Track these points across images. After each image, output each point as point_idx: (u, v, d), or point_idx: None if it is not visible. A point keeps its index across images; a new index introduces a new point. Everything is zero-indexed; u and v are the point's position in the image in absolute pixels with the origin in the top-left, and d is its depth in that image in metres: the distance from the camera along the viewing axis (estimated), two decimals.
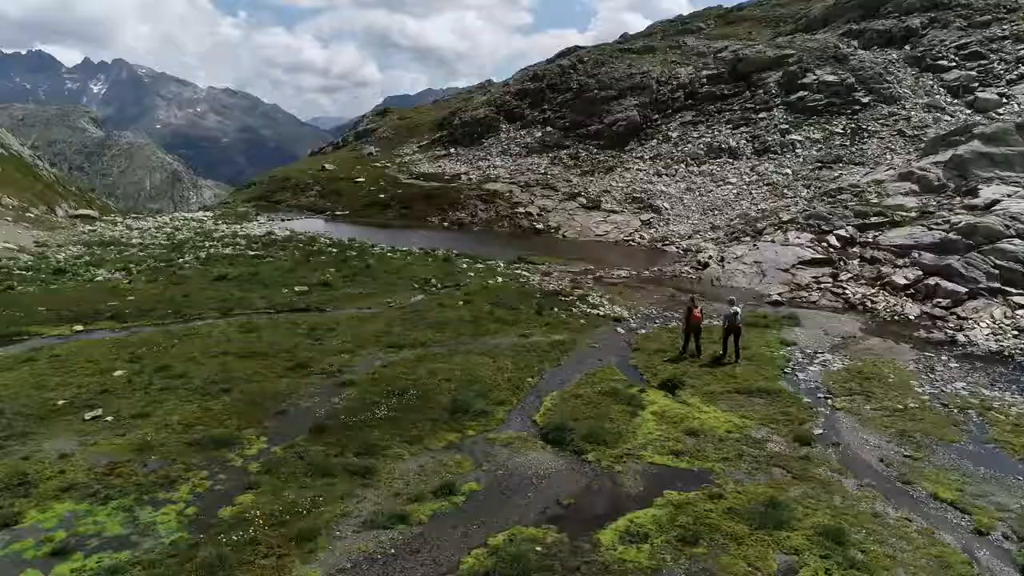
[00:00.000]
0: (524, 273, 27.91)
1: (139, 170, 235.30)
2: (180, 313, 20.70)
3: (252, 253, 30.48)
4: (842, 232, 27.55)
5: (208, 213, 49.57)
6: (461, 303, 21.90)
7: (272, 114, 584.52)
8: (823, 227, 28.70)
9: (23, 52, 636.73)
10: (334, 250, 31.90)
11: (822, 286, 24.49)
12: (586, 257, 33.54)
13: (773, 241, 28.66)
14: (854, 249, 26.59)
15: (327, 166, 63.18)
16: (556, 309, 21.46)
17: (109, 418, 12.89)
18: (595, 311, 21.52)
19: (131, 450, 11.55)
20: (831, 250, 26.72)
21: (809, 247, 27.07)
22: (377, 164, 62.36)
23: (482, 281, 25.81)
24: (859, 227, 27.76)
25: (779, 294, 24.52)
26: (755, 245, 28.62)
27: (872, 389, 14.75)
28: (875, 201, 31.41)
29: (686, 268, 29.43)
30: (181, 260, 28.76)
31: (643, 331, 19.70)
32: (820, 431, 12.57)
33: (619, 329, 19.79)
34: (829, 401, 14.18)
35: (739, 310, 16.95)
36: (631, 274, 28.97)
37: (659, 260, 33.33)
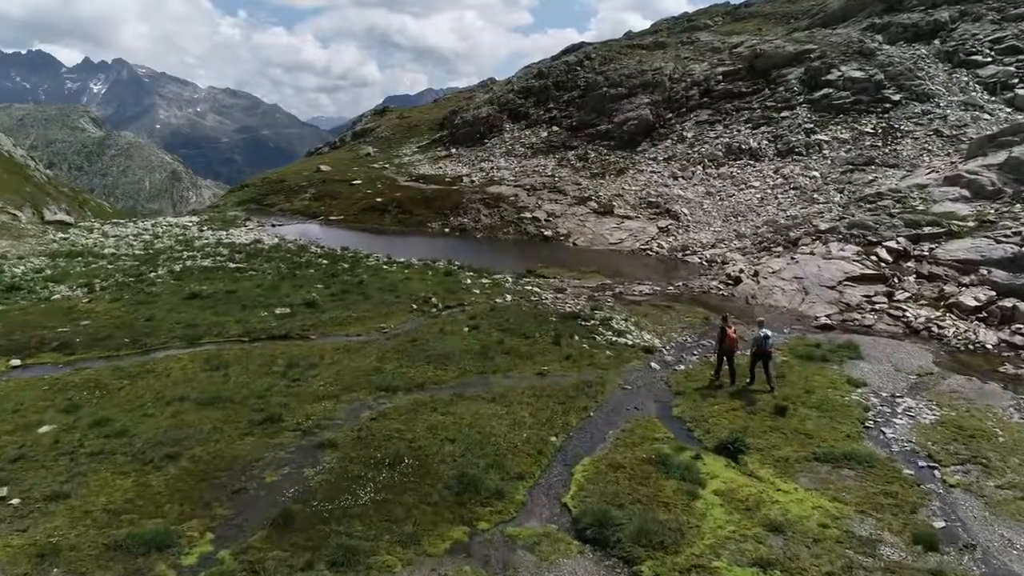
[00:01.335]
0: (535, 289, 24.95)
1: (139, 170, 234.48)
2: (139, 342, 17.75)
3: (233, 265, 27.51)
4: (892, 244, 24.56)
5: (195, 218, 46.62)
6: (466, 329, 18.95)
7: (272, 114, 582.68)
8: (869, 238, 25.71)
9: (23, 52, 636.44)
10: (324, 262, 28.95)
11: (877, 307, 21.50)
12: (601, 269, 30.60)
13: (812, 253, 25.67)
14: (908, 264, 23.61)
15: (322, 167, 60.27)
16: (576, 337, 18.48)
17: (15, 501, 9.98)
18: (622, 339, 18.53)
19: (29, 557, 8.64)
20: (882, 265, 23.73)
21: (856, 261, 24.08)
22: (375, 165, 59.44)
23: (489, 300, 22.86)
24: (911, 238, 24.78)
25: (827, 316, 21.55)
26: (793, 258, 25.62)
27: (984, 453, 11.78)
28: (921, 208, 28.43)
29: (715, 283, 26.46)
30: (153, 274, 25.80)
31: (681, 367, 16.71)
32: (941, 523, 9.61)
33: (652, 364, 16.82)
34: (936, 473, 11.21)
35: (769, 333, 15.06)
36: (654, 290, 26.01)
37: (682, 272, 30.39)
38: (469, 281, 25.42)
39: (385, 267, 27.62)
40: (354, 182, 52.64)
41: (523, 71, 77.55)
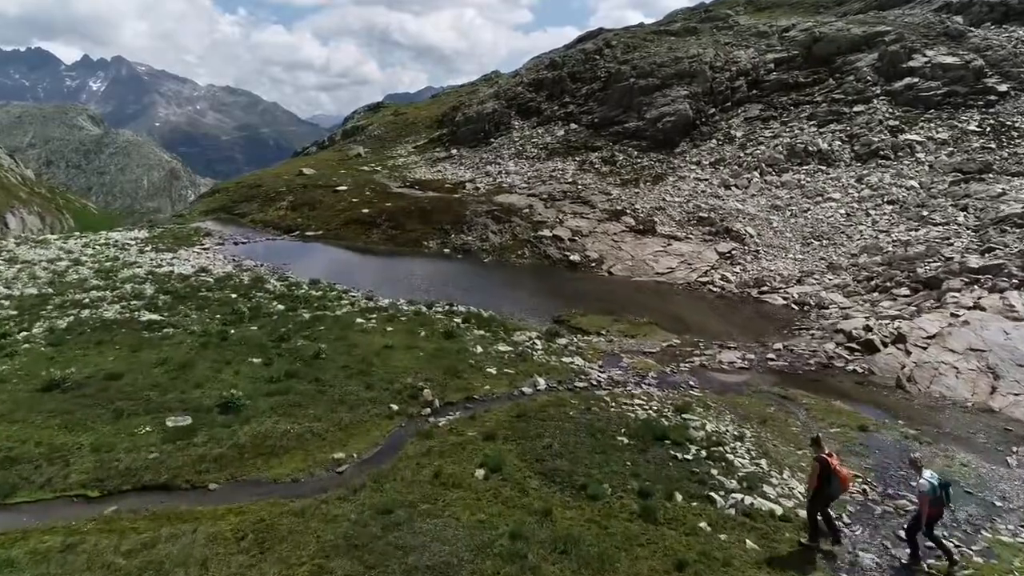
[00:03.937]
0: (576, 362, 16.92)
1: (137, 168, 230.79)
2: None
3: (147, 318, 19.46)
4: None
5: (145, 232, 38.67)
6: (480, 472, 10.91)
7: (272, 112, 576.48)
8: None
9: (22, 49, 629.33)
10: (279, 307, 20.95)
11: None
12: (656, 316, 22.56)
13: (981, 307, 17.59)
14: None
15: (305, 170, 52.28)
16: (679, 496, 10.42)
17: None
18: (759, 500, 10.45)
19: None
20: None
21: None
22: (364, 168, 51.49)
23: (511, 388, 14.84)
24: None
25: None
26: (955, 315, 17.51)
27: None
28: None
29: (833, 347, 18.36)
30: (23, 334, 17.80)
31: None
32: None
33: None
34: None
35: (940, 480, 8.93)
36: (747, 359, 17.95)
37: (765, 320, 22.36)
38: (480, 349, 17.32)
39: (360, 321, 19.49)
40: (339, 188, 44.66)
41: (532, 61, 69.44)
